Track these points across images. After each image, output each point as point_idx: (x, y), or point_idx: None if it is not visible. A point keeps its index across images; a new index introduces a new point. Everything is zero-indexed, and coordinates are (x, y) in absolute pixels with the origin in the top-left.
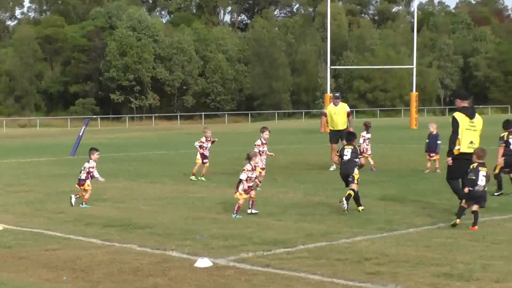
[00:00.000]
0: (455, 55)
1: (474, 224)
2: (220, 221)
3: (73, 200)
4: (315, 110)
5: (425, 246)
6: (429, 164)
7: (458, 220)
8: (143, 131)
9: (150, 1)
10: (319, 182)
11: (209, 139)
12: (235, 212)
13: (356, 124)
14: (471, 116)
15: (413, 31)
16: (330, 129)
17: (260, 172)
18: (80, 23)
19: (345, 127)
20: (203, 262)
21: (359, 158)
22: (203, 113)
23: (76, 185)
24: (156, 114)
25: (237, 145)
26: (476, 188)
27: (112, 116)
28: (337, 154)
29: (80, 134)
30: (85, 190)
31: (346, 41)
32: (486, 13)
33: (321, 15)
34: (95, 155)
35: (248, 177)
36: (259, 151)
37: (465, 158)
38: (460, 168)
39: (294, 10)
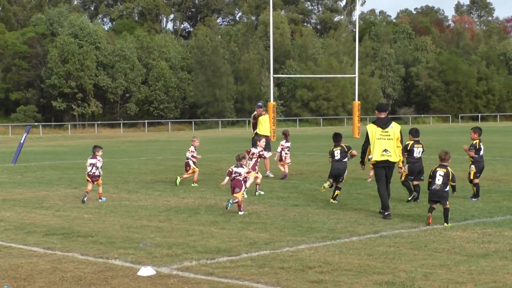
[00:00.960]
0: (397, 65)
1: (446, 220)
2: (163, 229)
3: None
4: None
5: (368, 255)
6: (371, 173)
7: (430, 215)
8: (85, 138)
9: (92, 8)
10: (263, 190)
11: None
12: (240, 210)
13: (299, 132)
14: (382, 126)
15: (355, 40)
16: (256, 133)
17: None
18: (21, 30)
19: (268, 135)
20: (146, 271)
21: (350, 151)
22: (146, 121)
23: (90, 181)
24: (99, 122)
25: (181, 153)
26: (433, 187)
27: (54, 123)
28: (330, 157)
29: (22, 141)
30: (99, 184)
31: (289, 50)
32: (427, 23)
33: (264, 24)
34: (100, 152)
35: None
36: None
37: (381, 165)
38: (380, 174)
39: (237, 18)
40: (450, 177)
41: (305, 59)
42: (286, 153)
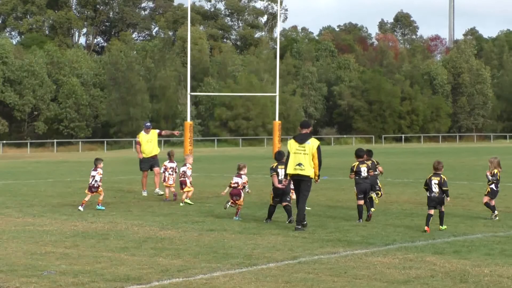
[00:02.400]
0: (319, 83)
1: (441, 223)
2: (69, 256)
3: (100, 207)
4: (175, 139)
5: (285, 282)
6: (294, 196)
7: (426, 227)
8: None
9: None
10: (175, 215)
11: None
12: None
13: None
14: (299, 141)
15: (276, 57)
16: (142, 156)
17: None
18: None
19: (157, 153)
20: None
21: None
22: (55, 140)
23: (90, 192)
24: (4, 141)
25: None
26: (432, 194)
27: None
28: (273, 173)
29: None
30: (100, 193)
31: (208, 66)
32: (350, 40)
33: (182, 39)
34: (101, 164)
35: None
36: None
37: (294, 178)
38: (295, 186)
39: (154, 33)
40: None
41: (224, 76)
42: (169, 174)
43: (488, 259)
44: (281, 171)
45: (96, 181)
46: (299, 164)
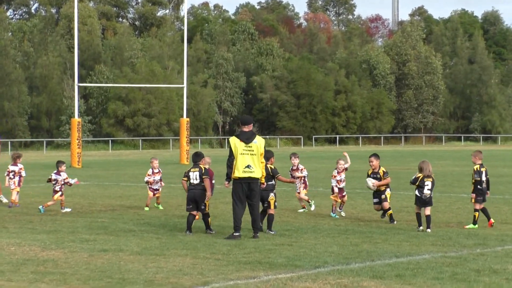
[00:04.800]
0: (236, 73)
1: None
2: None
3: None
4: (60, 139)
5: None
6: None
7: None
8: None
9: None
10: (61, 232)
11: (156, 170)
12: None
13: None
14: (246, 141)
15: (183, 41)
16: None
17: None
18: None
19: None
20: None
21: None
22: None
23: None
24: None
25: None
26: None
27: None
28: (184, 179)
29: None
30: (54, 200)
31: (99, 51)
32: (273, 21)
33: (67, 18)
34: (63, 167)
35: None
36: None
37: (243, 181)
38: (239, 191)
39: (33, 11)
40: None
41: (119, 63)
42: (10, 178)
43: (436, 284)
44: (192, 175)
45: (66, 182)
46: (248, 166)
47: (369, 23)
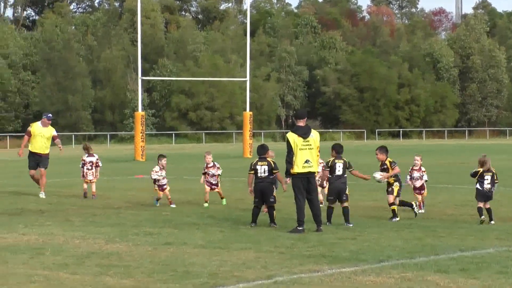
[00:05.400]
0: (299, 66)
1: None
2: None
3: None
4: (123, 133)
5: None
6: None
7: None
8: None
9: None
10: (124, 225)
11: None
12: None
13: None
14: (304, 136)
15: (246, 34)
16: (29, 151)
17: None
18: None
19: (47, 152)
20: None
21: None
22: None
23: (159, 191)
24: None
25: (23, 176)
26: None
27: None
28: (251, 172)
29: None
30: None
31: (162, 45)
32: (336, 14)
33: (130, 12)
34: (163, 161)
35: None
36: None
37: (302, 177)
38: (300, 186)
39: (96, 4)
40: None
41: (183, 57)
42: (88, 169)
43: (501, 278)
44: (260, 168)
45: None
46: (307, 161)
47: (433, 16)
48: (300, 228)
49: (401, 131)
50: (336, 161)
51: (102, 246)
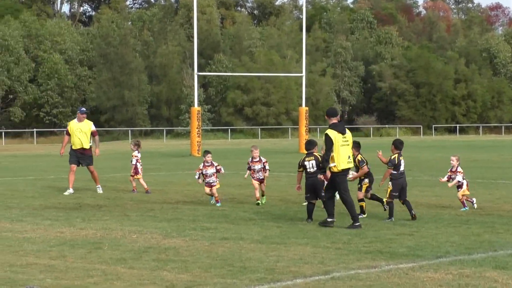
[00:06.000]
0: (355, 62)
1: None
2: (55, 268)
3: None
4: (179, 128)
5: None
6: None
7: None
8: None
9: None
10: (181, 220)
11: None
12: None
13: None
14: (342, 132)
15: (302, 30)
16: (71, 148)
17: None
18: None
19: (88, 147)
20: None
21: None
22: (35, 129)
23: (206, 187)
24: None
25: (81, 171)
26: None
27: None
28: (299, 169)
29: None
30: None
31: (218, 41)
32: (392, 9)
33: (186, 8)
34: (207, 157)
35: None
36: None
37: (345, 173)
38: (345, 183)
39: (152, 0)
40: None
41: (238, 52)
42: (141, 165)
43: None
44: (308, 164)
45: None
46: (349, 157)
47: (489, 11)
48: (357, 224)
49: (457, 127)
50: (400, 158)
51: (160, 241)
